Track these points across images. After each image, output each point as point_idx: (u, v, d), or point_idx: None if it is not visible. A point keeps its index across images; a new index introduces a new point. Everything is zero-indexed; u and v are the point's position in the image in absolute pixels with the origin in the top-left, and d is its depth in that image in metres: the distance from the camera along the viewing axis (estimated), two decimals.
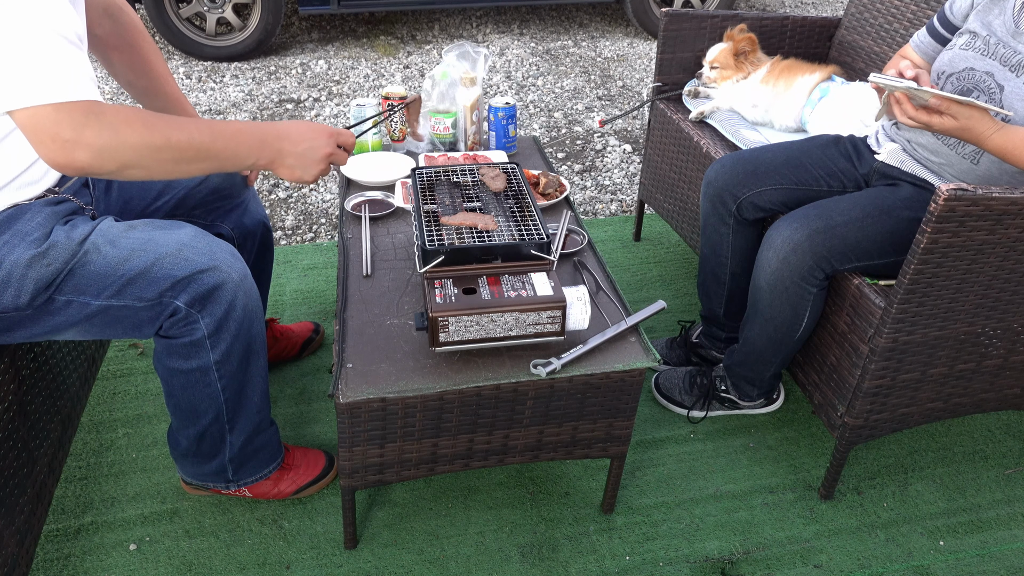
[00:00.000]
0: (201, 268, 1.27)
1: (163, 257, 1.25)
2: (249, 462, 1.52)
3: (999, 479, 1.75)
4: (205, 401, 1.39)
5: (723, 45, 2.15)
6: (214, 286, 1.28)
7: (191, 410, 1.41)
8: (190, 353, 1.33)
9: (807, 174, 1.70)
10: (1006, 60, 1.43)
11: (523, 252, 1.34)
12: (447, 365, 1.31)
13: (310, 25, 4.74)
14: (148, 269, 1.25)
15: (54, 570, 1.47)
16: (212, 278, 1.27)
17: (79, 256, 1.24)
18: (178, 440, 1.48)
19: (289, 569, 1.49)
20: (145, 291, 1.25)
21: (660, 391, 1.91)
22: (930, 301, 1.39)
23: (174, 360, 1.35)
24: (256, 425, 1.48)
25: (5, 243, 1.21)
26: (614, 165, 3.15)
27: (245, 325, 1.35)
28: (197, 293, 1.27)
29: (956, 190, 1.22)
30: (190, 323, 1.29)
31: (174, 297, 1.26)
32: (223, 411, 1.41)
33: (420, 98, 1.78)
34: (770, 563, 1.54)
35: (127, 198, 1.50)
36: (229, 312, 1.31)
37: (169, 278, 1.25)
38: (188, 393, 1.38)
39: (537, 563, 1.52)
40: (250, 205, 1.68)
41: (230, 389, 1.39)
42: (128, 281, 1.24)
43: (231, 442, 1.46)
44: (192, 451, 1.48)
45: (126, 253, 1.25)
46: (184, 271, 1.26)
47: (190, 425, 1.43)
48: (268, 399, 1.50)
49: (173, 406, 1.43)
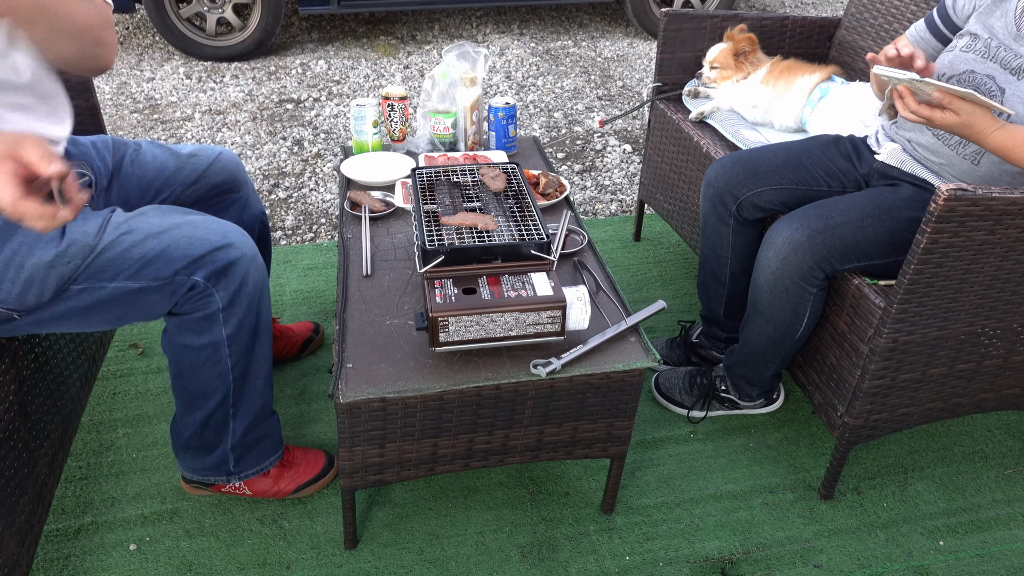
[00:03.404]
0: (217, 245, 1.30)
1: (179, 238, 1.29)
2: (250, 452, 1.53)
3: (999, 479, 1.75)
4: (214, 380, 1.41)
5: (723, 45, 2.15)
6: (230, 261, 1.31)
7: (199, 392, 1.42)
8: (203, 328, 1.35)
9: (807, 174, 1.70)
10: (1007, 63, 1.42)
11: (523, 252, 1.34)
12: (447, 365, 1.32)
13: (310, 25, 4.74)
14: (165, 250, 1.27)
15: (54, 570, 1.47)
16: (227, 254, 1.31)
17: (98, 249, 1.26)
18: (181, 430, 1.49)
19: (289, 569, 1.49)
20: (161, 271, 1.28)
21: (660, 391, 1.91)
22: (930, 301, 1.39)
23: (186, 336, 1.37)
24: (259, 411, 1.49)
25: (21, 244, 1.21)
26: (614, 165, 3.15)
27: (255, 300, 1.38)
28: (214, 268, 1.30)
29: (956, 190, 1.22)
30: (206, 297, 1.32)
31: (191, 274, 1.29)
32: (230, 392, 1.43)
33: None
34: (770, 563, 1.54)
35: (126, 195, 1.51)
36: (242, 287, 1.34)
37: (186, 257, 1.28)
38: (197, 372, 1.40)
39: (537, 563, 1.52)
40: (249, 200, 1.69)
41: (239, 367, 1.41)
42: (145, 263, 1.27)
43: (234, 429, 1.47)
44: (195, 441, 1.48)
45: (141, 237, 1.28)
46: (201, 249, 1.29)
47: (196, 410, 1.44)
48: (271, 387, 1.51)
49: (181, 389, 1.44)
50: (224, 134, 3.34)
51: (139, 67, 4.01)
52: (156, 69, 3.99)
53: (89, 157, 1.46)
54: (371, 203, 1.71)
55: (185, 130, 3.37)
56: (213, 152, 1.61)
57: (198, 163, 1.58)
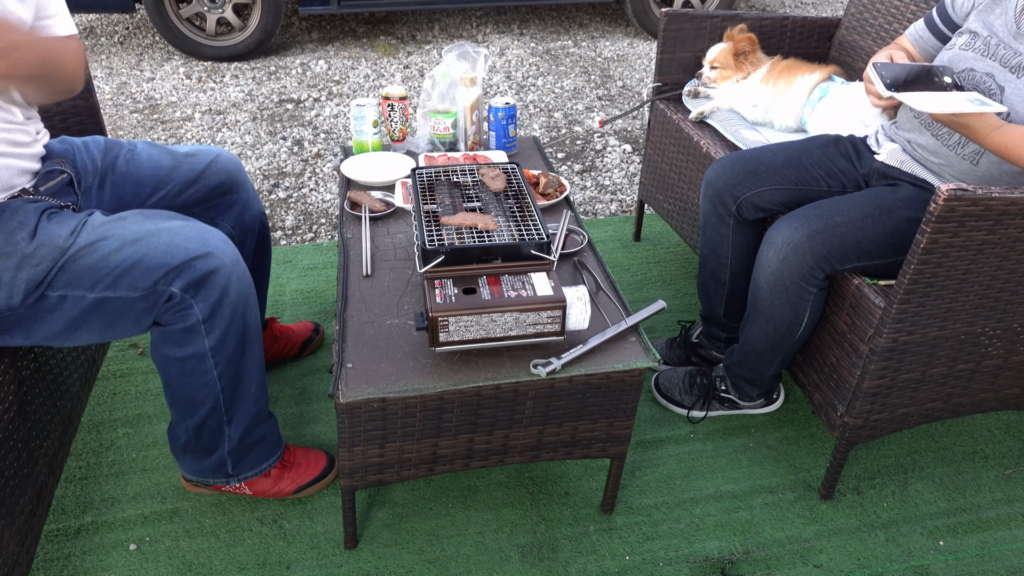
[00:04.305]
0: (195, 255, 1.27)
1: (156, 246, 1.26)
2: (248, 455, 1.52)
3: (999, 479, 1.75)
4: (202, 390, 1.39)
5: (723, 45, 2.15)
6: (208, 271, 1.28)
7: (188, 400, 1.41)
8: (185, 340, 1.33)
9: (807, 174, 1.70)
10: (1006, 61, 1.42)
11: (523, 252, 1.34)
12: (447, 365, 1.32)
13: (310, 25, 4.74)
14: (142, 259, 1.25)
15: (54, 570, 1.47)
16: (206, 264, 1.28)
17: (70, 252, 1.24)
18: (178, 434, 1.48)
19: (289, 569, 1.49)
20: (139, 280, 1.25)
21: (660, 391, 1.91)
22: (930, 301, 1.39)
23: (169, 348, 1.35)
24: (254, 416, 1.48)
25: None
26: (614, 165, 3.15)
27: (239, 310, 1.35)
28: (191, 279, 1.27)
29: (956, 190, 1.22)
30: (184, 309, 1.29)
31: (168, 284, 1.26)
32: (220, 401, 1.41)
33: None
34: (770, 563, 1.54)
35: (120, 195, 1.50)
36: (223, 297, 1.31)
37: (163, 266, 1.25)
38: (185, 382, 1.38)
39: (537, 563, 1.52)
40: (250, 201, 1.68)
41: (226, 377, 1.39)
42: (123, 272, 1.24)
43: (229, 434, 1.46)
44: (191, 445, 1.48)
45: (118, 244, 1.25)
46: (178, 259, 1.26)
47: (188, 417, 1.43)
48: (265, 390, 1.50)
49: (171, 398, 1.43)
50: (224, 134, 3.34)
51: (139, 67, 4.01)
52: (156, 69, 3.99)
53: (73, 156, 1.45)
54: (371, 203, 1.71)
55: (185, 130, 3.37)
56: (211, 153, 1.60)
57: (195, 163, 1.57)
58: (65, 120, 1.80)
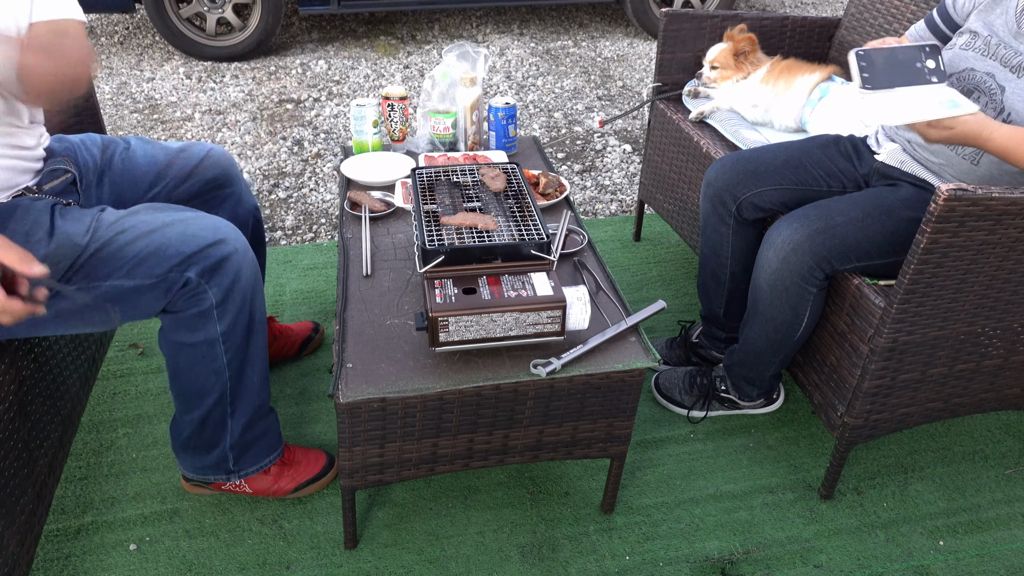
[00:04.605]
0: (209, 242, 1.30)
1: (171, 236, 1.29)
2: (250, 450, 1.53)
3: (999, 479, 1.75)
4: (210, 378, 1.41)
5: (723, 45, 2.15)
6: (222, 257, 1.31)
7: (196, 390, 1.42)
8: (197, 325, 1.35)
9: (807, 174, 1.70)
10: (1007, 61, 1.42)
11: (523, 252, 1.34)
12: (447, 365, 1.32)
13: (310, 25, 4.74)
14: (158, 248, 1.27)
15: (54, 570, 1.47)
16: (220, 250, 1.31)
17: (89, 249, 1.26)
18: (181, 429, 1.49)
19: (289, 569, 1.49)
20: (155, 268, 1.28)
21: (660, 391, 1.91)
22: (930, 301, 1.39)
23: (181, 334, 1.37)
24: (256, 409, 1.49)
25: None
26: (614, 165, 3.15)
27: (248, 296, 1.38)
28: (207, 265, 1.30)
29: (956, 190, 1.22)
30: (199, 294, 1.32)
31: (184, 271, 1.29)
32: (227, 390, 1.43)
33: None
34: (770, 563, 1.54)
35: (119, 191, 1.51)
36: (235, 283, 1.34)
37: (179, 255, 1.28)
38: (194, 370, 1.40)
39: (537, 563, 1.52)
40: (243, 195, 1.69)
41: (234, 364, 1.41)
42: (139, 261, 1.27)
43: (232, 427, 1.47)
44: (194, 440, 1.48)
45: (134, 236, 1.28)
46: (193, 246, 1.29)
47: (194, 408, 1.44)
48: (268, 385, 1.51)
49: (178, 389, 1.44)
50: (224, 134, 3.34)
51: (139, 67, 4.01)
52: (156, 69, 3.99)
53: (74, 154, 1.47)
54: (371, 203, 1.71)
55: (185, 130, 3.37)
56: (203, 148, 1.62)
57: (188, 158, 1.59)
58: (65, 120, 1.80)
